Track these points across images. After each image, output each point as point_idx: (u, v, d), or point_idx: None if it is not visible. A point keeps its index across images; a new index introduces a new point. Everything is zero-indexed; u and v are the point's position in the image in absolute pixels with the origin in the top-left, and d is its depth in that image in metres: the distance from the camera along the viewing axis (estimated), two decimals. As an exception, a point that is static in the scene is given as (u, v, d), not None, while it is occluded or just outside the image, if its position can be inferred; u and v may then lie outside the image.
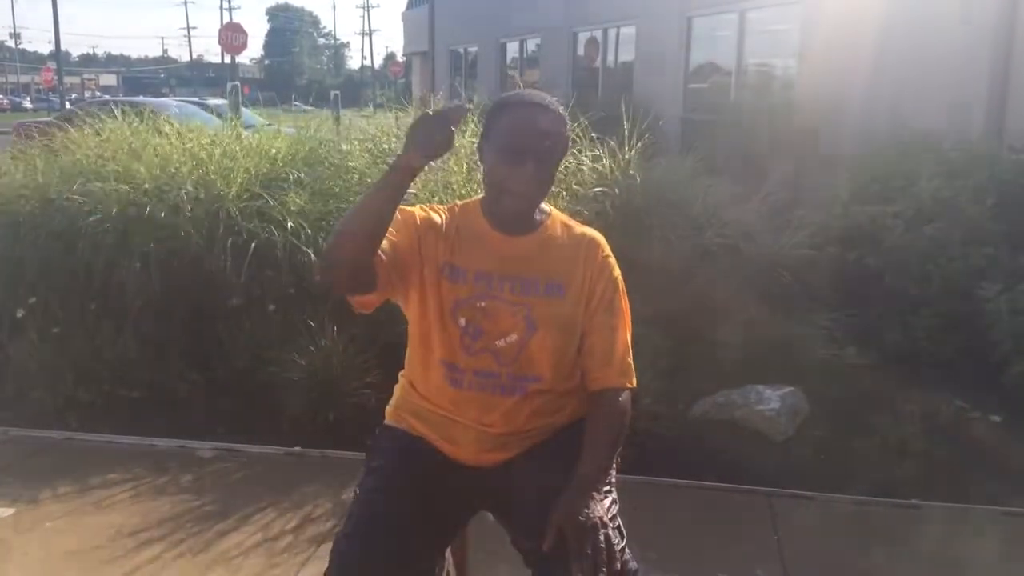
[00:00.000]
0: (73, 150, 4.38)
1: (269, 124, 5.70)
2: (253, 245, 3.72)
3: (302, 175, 4.13)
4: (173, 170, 4.05)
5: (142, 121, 4.59)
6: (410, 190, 3.76)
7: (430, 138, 1.51)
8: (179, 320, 3.89)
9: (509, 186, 1.65)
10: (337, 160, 4.34)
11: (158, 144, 4.28)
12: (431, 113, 1.53)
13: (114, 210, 3.80)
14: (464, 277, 1.70)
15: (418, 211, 1.75)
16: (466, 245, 1.71)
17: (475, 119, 3.99)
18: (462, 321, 1.69)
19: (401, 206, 1.74)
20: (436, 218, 1.74)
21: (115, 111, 4.72)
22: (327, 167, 4.27)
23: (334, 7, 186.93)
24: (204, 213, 3.85)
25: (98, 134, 4.44)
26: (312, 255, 3.69)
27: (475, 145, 1.94)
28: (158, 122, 4.56)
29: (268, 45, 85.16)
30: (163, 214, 3.78)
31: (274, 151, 4.33)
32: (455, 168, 3.97)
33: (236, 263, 3.72)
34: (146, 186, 3.93)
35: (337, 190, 4.08)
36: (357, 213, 1.59)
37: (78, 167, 4.19)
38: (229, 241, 3.74)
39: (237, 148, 4.32)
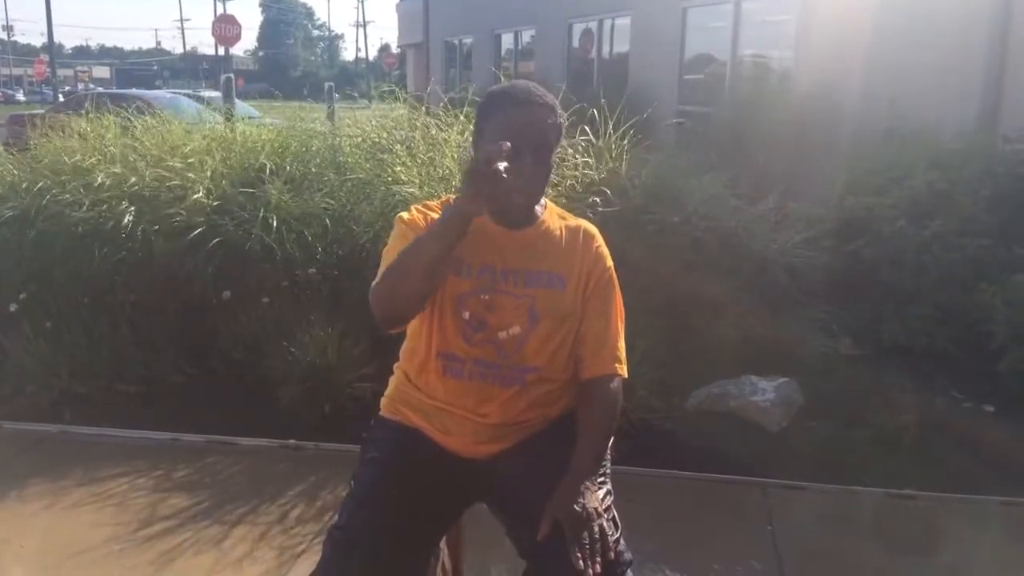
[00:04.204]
0: (53, 149, 4.35)
1: (260, 116, 5.69)
2: (250, 239, 3.71)
3: (294, 169, 4.12)
4: (165, 162, 4.04)
5: (126, 116, 4.55)
6: (408, 189, 3.76)
7: (478, 187, 1.45)
8: (174, 313, 3.89)
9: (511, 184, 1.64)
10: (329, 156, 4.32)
11: (139, 142, 4.24)
12: (474, 160, 1.47)
13: (87, 207, 3.77)
14: (468, 271, 1.70)
15: (417, 216, 1.73)
16: (468, 239, 1.70)
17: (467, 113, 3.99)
18: (466, 314, 1.69)
19: (401, 215, 1.74)
20: (436, 217, 1.73)
21: (108, 104, 4.69)
22: (319, 162, 4.26)
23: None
24: (197, 207, 3.83)
25: (81, 136, 4.39)
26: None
27: (470, 142, 1.93)
28: (141, 119, 4.51)
29: (262, 37, 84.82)
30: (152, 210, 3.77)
31: (259, 145, 4.30)
32: (451, 165, 3.96)
33: (233, 257, 3.71)
34: (143, 181, 3.91)
35: (329, 184, 4.07)
36: (416, 265, 1.54)
37: (65, 159, 4.17)
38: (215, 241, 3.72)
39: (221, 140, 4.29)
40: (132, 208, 3.79)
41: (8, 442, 3.36)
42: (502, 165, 1.42)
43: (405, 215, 1.74)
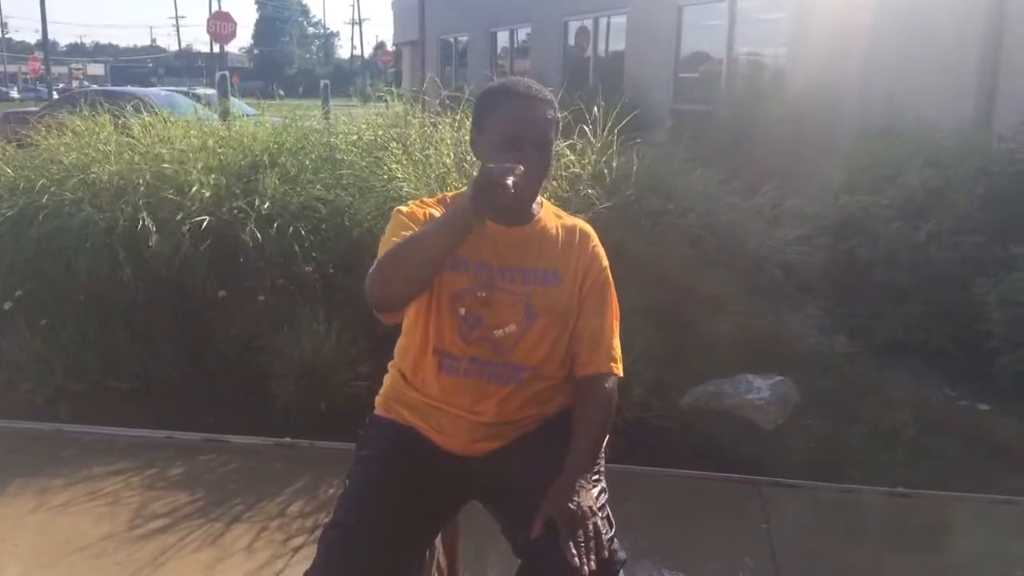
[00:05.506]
0: (50, 147, 4.32)
1: (257, 113, 5.67)
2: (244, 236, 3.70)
3: (289, 164, 4.10)
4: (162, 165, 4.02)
5: (122, 114, 4.52)
6: (405, 187, 3.73)
7: (483, 200, 1.43)
8: (171, 311, 3.88)
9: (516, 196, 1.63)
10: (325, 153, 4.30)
11: (131, 142, 4.22)
12: (486, 169, 1.45)
13: (85, 204, 3.75)
14: (466, 267, 1.70)
15: (416, 209, 1.73)
16: None
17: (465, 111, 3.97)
18: (462, 311, 1.69)
19: (400, 207, 1.74)
20: (435, 212, 1.73)
21: (104, 102, 4.66)
22: (314, 158, 4.24)
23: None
24: (193, 205, 3.82)
25: (76, 134, 4.36)
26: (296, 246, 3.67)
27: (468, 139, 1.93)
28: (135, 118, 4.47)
29: (257, 34, 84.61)
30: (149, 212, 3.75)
31: (256, 143, 4.27)
32: (447, 163, 3.94)
33: (228, 255, 3.70)
34: (140, 178, 3.90)
35: (324, 182, 4.06)
36: (412, 258, 1.54)
37: (63, 155, 4.15)
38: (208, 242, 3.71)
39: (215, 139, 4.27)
40: (128, 207, 3.78)
41: (2, 439, 3.35)
42: (510, 180, 1.41)
43: (404, 208, 1.74)
